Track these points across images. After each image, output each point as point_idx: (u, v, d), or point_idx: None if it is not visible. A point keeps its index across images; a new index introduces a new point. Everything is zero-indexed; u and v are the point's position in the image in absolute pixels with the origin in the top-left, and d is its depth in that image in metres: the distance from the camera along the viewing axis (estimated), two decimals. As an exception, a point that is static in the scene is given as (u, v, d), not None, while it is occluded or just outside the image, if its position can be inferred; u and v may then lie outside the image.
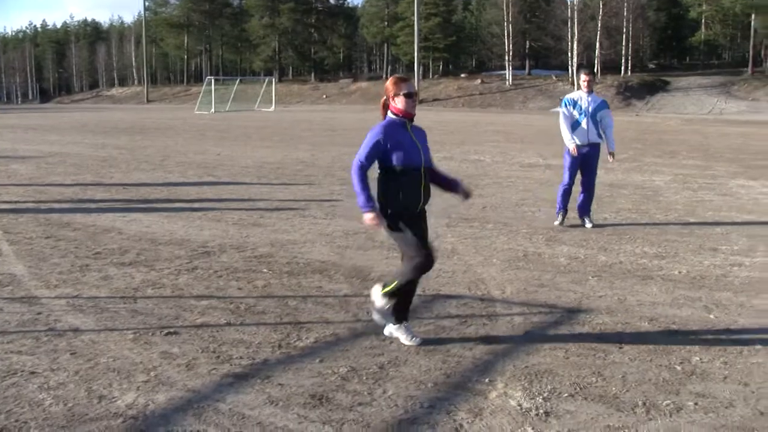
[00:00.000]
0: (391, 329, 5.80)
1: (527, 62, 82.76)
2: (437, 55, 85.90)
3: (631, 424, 4.44)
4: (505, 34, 75.45)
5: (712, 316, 6.55)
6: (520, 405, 4.68)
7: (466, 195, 5.93)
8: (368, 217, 5.43)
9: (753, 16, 72.54)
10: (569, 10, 72.90)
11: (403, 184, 5.51)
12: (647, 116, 51.55)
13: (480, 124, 37.55)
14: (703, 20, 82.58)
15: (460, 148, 23.32)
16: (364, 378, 5.04)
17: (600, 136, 10.66)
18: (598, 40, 69.95)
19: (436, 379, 5.05)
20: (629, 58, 73.76)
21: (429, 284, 7.41)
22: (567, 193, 10.73)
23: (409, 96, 5.62)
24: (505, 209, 11.94)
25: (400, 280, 5.56)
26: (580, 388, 4.94)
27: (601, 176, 16.28)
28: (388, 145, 5.48)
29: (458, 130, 33.04)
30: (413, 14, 70.73)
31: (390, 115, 5.69)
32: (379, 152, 5.50)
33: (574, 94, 10.82)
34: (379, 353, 5.51)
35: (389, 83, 5.73)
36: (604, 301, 6.96)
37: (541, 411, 4.60)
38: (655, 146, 25.04)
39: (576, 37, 69.42)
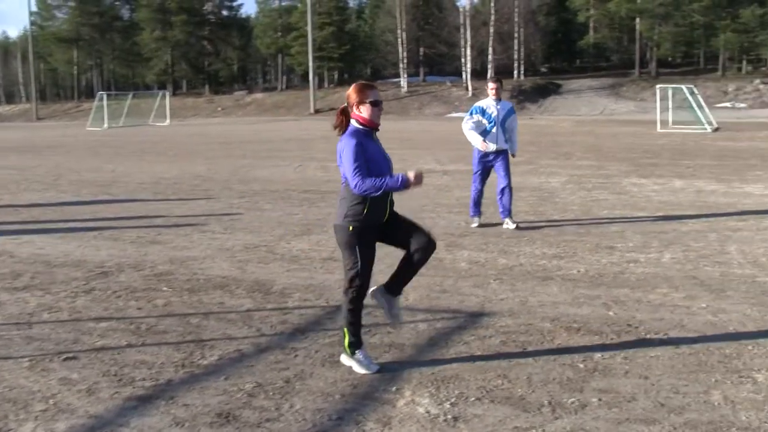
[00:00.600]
0: (347, 360, 5.51)
1: (422, 69, 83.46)
2: (332, 64, 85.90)
3: (538, 424, 4.50)
4: (399, 42, 75.95)
5: (611, 313, 6.70)
6: (428, 412, 4.69)
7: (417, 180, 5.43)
8: (410, 178, 5.11)
9: (638, 19, 74.75)
10: (462, 16, 73.82)
11: (370, 197, 5.24)
12: (541, 119, 52.56)
13: (377, 131, 37.58)
14: (591, 24, 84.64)
15: (359, 157, 23.36)
16: (271, 393, 4.99)
17: (507, 141, 10.92)
18: (490, 45, 70.99)
19: (343, 391, 5.03)
20: (522, 62, 75.09)
21: (332, 295, 7.39)
22: (479, 197, 11.03)
23: (376, 104, 5.30)
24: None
25: (346, 320, 5.41)
26: (487, 392, 4.98)
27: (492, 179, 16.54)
28: (366, 154, 5.20)
29: (356, 138, 33.06)
30: (307, 24, 70.64)
31: (354, 124, 5.33)
32: (365, 155, 5.18)
33: (483, 103, 10.98)
34: (284, 367, 5.45)
35: (353, 91, 5.36)
36: (506, 303, 7.04)
37: (450, 416, 4.62)
38: (550, 148, 25.54)
39: (469, 43, 70.34)
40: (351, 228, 5.29)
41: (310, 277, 8.12)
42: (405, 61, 75.14)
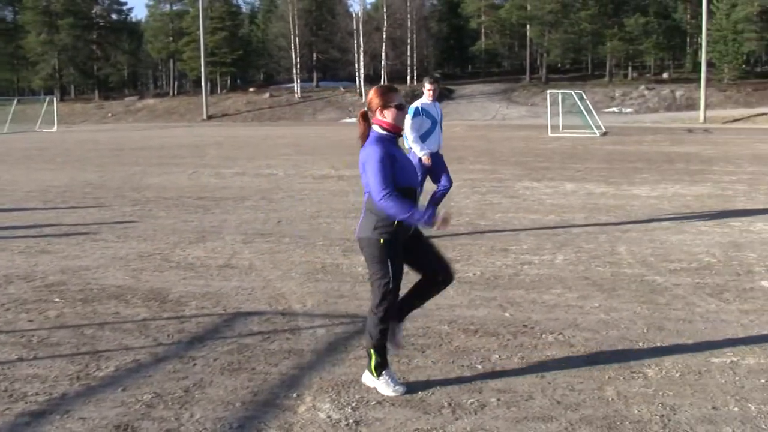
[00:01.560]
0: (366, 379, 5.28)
1: (315, 74, 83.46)
2: (225, 69, 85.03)
3: (439, 425, 4.55)
4: (293, 47, 75.80)
5: (507, 314, 6.82)
6: (329, 417, 4.70)
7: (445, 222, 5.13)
8: (436, 222, 4.89)
9: (528, 26, 76.37)
10: (354, 22, 74.12)
11: None
12: (434, 124, 52.98)
13: (270, 137, 37.47)
14: (482, 30, 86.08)
15: (252, 163, 23.20)
16: (170, 403, 4.92)
17: None
18: (383, 51, 71.48)
19: (243, 399, 4.99)
20: (415, 67, 75.76)
21: (229, 302, 7.33)
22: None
23: (401, 108, 5.08)
24: (300, 222, 11.97)
25: (374, 340, 5.08)
26: (388, 395, 5.01)
27: (394, 184, 16.63)
28: (394, 162, 4.95)
29: (249, 144, 32.86)
30: (199, 29, 69.87)
31: (377, 130, 5.07)
32: (392, 166, 4.93)
33: (421, 104, 10.58)
34: (183, 377, 5.38)
35: (375, 94, 5.11)
36: (404, 307, 7.09)
37: (351, 421, 4.64)
38: (444, 153, 25.78)
39: (362, 48, 70.66)
40: (382, 241, 4.98)
41: (207, 285, 8.04)
42: (298, 66, 75.02)
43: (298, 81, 74.24)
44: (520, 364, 5.57)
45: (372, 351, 5.11)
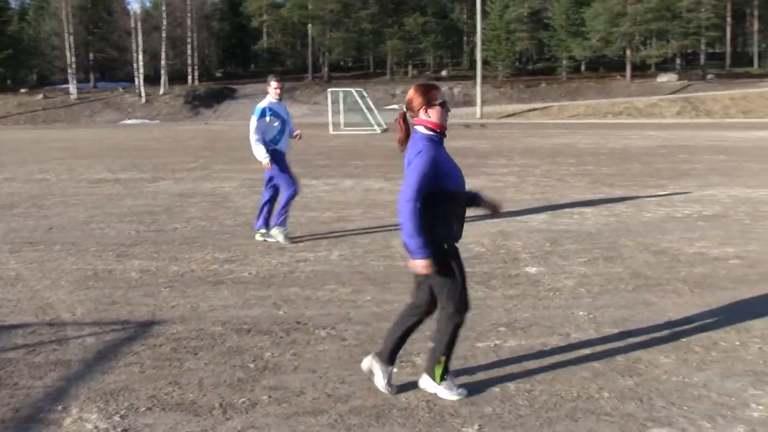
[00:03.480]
0: (424, 383, 5.10)
1: (92, 75, 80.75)
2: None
3: (209, 427, 4.54)
4: (67, 46, 72.96)
5: (281, 312, 6.87)
6: (96, 427, 4.58)
7: (494, 210, 5.20)
8: (424, 264, 4.67)
9: (310, 25, 76.99)
10: (133, 20, 72.27)
11: (450, 212, 4.76)
12: (216, 124, 52.65)
13: (44, 140, 35.98)
14: (264, 29, 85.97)
15: (23, 168, 22.13)
16: None
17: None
18: (163, 50, 70.09)
19: (3, 416, 4.77)
20: (196, 67, 74.75)
21: (-8, 315, 6.98)
22: (272, 206, 10.31)
23: (444, 106, 4.81)
24: (72, 228, 11.53)
25: (447, 347, 4.95)
26: (158, 400, 4.95)
27: (170, 186, 16.40)
28: (440, 168, 4.66)
29: (20, 148, 31.37)
30: (-38, 27, 66.11)
31: (423, 131, 4.78)
32: (431, 179, 4.65)
33: (267, 104, 10.06)
34: (-64, 396, 5.08)
35: (416, 93, 4.81)
36: (177, 310, 7.00)
37: (120, 429, 4.55)
38: (225, 153, 25.63)
39: (141, 47, 68.98)
40: (446, 246, 4.81)
41: (-32, 298, 7.61)
42: (74, 66, 72.30)
43: (74, 81, 71.52)
44: (293, 360, 5.63)
45: (443, 358, 4.96)
